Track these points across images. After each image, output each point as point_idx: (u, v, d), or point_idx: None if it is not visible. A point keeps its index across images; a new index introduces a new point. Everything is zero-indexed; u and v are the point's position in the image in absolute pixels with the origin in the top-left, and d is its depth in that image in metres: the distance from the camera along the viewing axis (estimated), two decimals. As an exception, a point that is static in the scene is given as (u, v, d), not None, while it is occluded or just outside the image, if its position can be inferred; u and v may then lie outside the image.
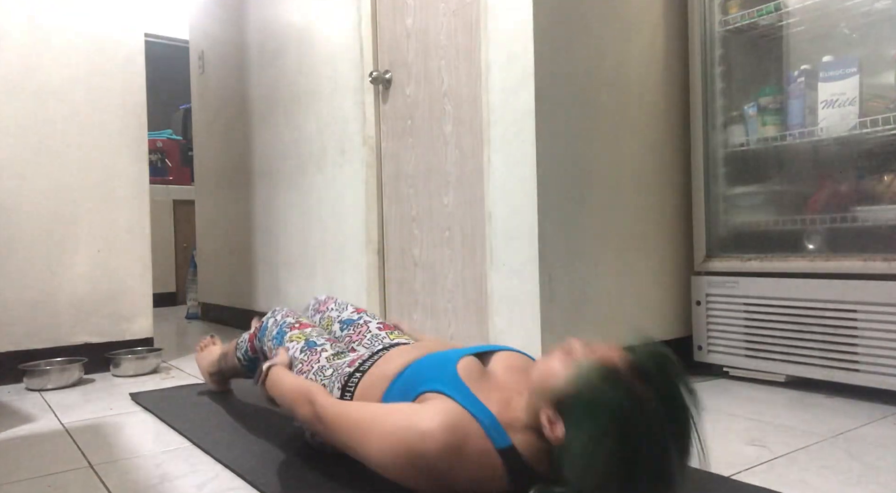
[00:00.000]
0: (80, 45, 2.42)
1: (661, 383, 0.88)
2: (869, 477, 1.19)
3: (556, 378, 0.94)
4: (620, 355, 0.91)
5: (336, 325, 1.56)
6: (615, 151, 2.00)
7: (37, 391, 2.10)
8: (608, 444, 0.85)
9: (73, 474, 1.31)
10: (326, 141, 2.77)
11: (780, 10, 1.98)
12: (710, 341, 2.08)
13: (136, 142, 2.53)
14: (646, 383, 0.87)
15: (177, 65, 4.98)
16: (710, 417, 1.62)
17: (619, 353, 0.92)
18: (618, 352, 0.92)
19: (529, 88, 1.82)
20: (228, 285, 3.69)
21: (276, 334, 1.54)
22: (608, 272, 1.97)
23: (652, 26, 2.10)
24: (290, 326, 1.53)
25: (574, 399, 0.90)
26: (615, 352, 0.92)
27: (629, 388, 0.87)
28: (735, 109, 2.10)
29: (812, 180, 1.97)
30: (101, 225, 2.45)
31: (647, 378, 0.88)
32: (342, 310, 1.59)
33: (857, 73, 1.79)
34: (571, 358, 0.95)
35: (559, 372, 0.95)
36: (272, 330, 1.57)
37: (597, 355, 0.93)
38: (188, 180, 4.76)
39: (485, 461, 0.97)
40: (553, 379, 0.95)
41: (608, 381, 0.88)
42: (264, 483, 1.19)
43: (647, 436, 0.85)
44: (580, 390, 0.90)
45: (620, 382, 0.87)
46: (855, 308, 1.74)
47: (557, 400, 0.92)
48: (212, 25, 3.81)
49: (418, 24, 2.28)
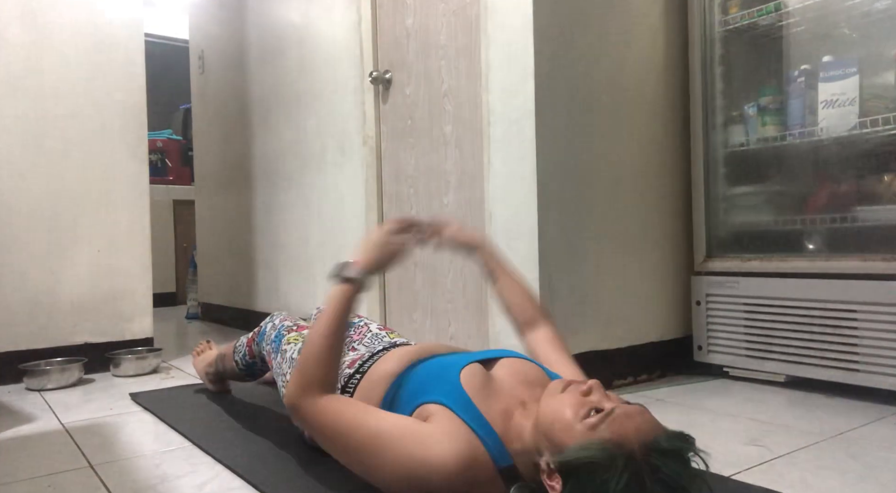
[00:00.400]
0: (81, 45, 2.42)
1: (673, 483, 0.80)
2: (869, 477, 1.19)
3: (564, 432, 0.88)
4: (639, 436, 0.83)
5: None
6: (615, 151, 2.00)
7: (37, 391, 2.10)
8: None
9: (73, 474, 1.31)
10: (326, 141, 2.77)
11: (780, 10, 1.98)
12: (710, 341, 2.08)
13: (136, 142, 2.53)
14: (656, 479, 0.80)
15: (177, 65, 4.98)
16: (710, 417, 1.62)
17: (638, 430, 0.83)
18: (637, 427, 0.84)
19: (529, 87, 1.82)
20: (228, 285, 3.69)
21: (275, 338, 1.54)
22: (608, 272, 1.97)
23: (652, 26, 2.10)
24: (289, 329, 1.53)
25: (577, 471, 0.83)
26: (634, 427, 0.84)
27: (637, 478, 0.79)
28: (735, 109, 2.10)
29: (812, 180, 1.97)
30: (101, 225, 2.45)
31: (661, 475, 0.80)
32: None
33: (856, 73, 1.79)
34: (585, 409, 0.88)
35: (569, 426, 0.88)
36: (270, 334, 1.57)
37: (614, 430, 0.84)
38: (188, 180, 4.76)
39: (488, 484, 0.96)
40: (561, 431, 0.88)
41: (616, 467, 0.80)
42: (264, 483, 1.19)
43: None
44: (586, 466, 0.82)
45: (628, 470, 0.80)
46: (855, 308, 1.74)
47: (560, 461, 0.86)
48: (212, 25, 3.81)
49: (418, 24, 2.28)
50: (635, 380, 2.00)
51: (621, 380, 1.97)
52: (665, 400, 1.79)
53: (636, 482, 0.79)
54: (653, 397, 1.83)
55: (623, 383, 1.97)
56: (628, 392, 1.88)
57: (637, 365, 2.02)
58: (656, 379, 2.05)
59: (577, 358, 1.90)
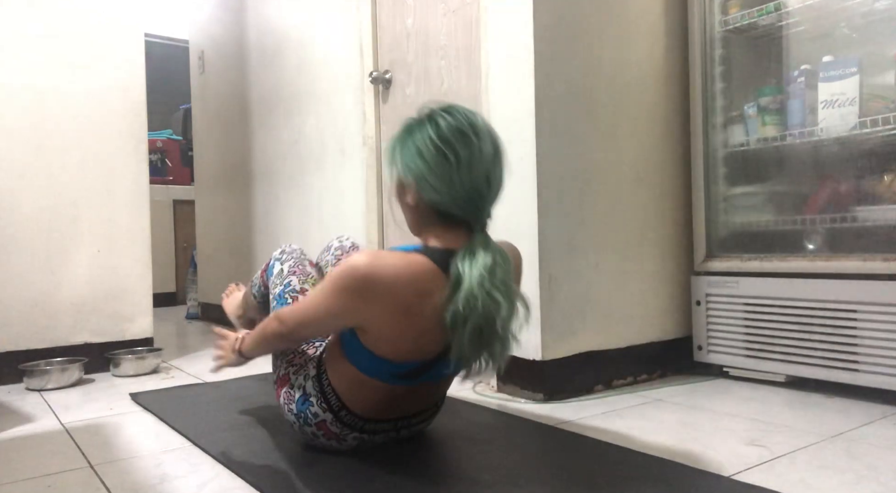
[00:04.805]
0: (80, 45, 2.42)
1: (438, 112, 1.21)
2: (869, 477, 1.19)
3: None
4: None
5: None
6: (615, 151, 2.00)
7: (37, 391, 2.10)
8: (421, 144, 1.18)
9: (73, 474, 1.31)
10: (326, 141, 2.77)
11: (780, 10, 1.98)
12: (710, 341, 2.08)
13: (136, 142, 2.53)
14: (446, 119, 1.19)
15: (177, 65, 4.99)
16: (710, 417, 1.62)
17: None
18: None
19: (529, 87, 1.82)
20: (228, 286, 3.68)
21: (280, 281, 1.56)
22: (608, 272, 1.97)
23: (652, 26, 2.10)
24: (292, 272, 1.55)
25: (392, 162, 1.24)
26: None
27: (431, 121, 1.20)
28: (735, 109, 2.10)
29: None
30: (101, 225, 2.45)
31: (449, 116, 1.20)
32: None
33: (857, 73, 1.79)
34: None
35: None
36: (273, 263, 1.61)
37: None
38: (188, 180, 4.76)
39: (409, 261, 1.16)
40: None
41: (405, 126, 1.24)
42: (264, 483, 1.19)
43: (435, 124, 1.18)
44: (388, 155, 1.25)
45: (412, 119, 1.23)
46: (855, 308, 1.74)
47: (396, 182, 1.25)
48: (212, 25, 3.81)
49: (418, 24, 2.28)
50: (635, 380, 2.00)
51: (621, 380, 1.97)
52: (665, 400, 1.79)
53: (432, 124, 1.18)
54: (652, 397, 1.83)
55: (623, 383, 1.97)
56: (628, 392, 1.89)
57: (637, 365, 2.02)
58: (656, 379, 2.05)
59: (578, 358, 1.90)
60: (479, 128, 1.19)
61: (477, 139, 1.18)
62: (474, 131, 1.18)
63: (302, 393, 1.31)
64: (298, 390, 1.32)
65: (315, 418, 1.29)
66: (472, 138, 1.17)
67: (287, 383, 1.35)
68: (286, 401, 1.35)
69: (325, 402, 1.28)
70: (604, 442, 1.40)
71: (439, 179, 1.17)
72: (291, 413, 1.33)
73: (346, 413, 1.28)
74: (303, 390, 1.31)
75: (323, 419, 1.29)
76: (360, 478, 1.20)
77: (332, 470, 1.24)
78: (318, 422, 1.30)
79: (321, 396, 1.28)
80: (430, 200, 1.19)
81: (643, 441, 1.43)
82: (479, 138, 1.18)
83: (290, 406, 1.33)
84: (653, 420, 1.59)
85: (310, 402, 1.30)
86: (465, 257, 1.16)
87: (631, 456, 1.31)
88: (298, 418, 1.32)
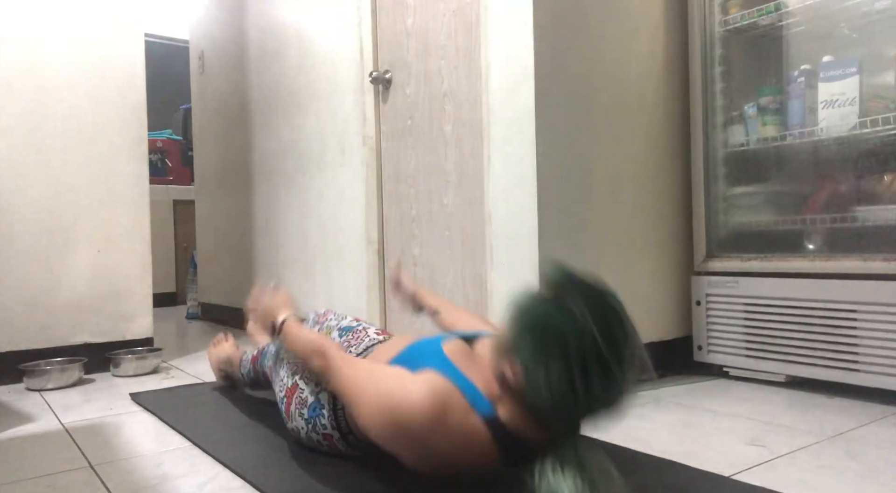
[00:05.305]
0: (80, 44, 2.42)
1: (579, 291, 0.96)
2: (869, 477, 1.19)
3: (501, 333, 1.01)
4: (538, 286, 1.01)
5: (335, 332, 1.56)
6: (615, 151, 2.00)
7: (37, 391, 2.10)
8: (556, 356, 0.91)
9: (73, 474, 1.31)
10: (326, 141, 2.77)
11: (780, 10, 1.98)
12: (710, 341, 2.08)
13: (136, 142, 2.53)
14: (567, 296, 0.95)
15: (177, 65, 4.98)
16: (710, 417, 1.62)
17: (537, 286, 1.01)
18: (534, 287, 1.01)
19: (529, 87, 1.82)
20: (228, 285, 3.69)
21: (274, 353, 1.55)
22: (608, 272, 1.97)
23: (652, 26, 2.10)
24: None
25: (516, 337, 0.96)
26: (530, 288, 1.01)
27: (555, 304, 0.95)
28: (735, 109, 2.10)
29: (812, 180, 1.97)
30: (101, 225, 2.45)
31: (566, 292, 0.96)
32: (341, 319, 1.60)
33: (857, 73, 1.79)
34: None
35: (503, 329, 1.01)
36: (271, 350, 1.59)
37: (517, 295, 1.00)
38: (188, 180, 4.76)
39: (469, 430, 1.00)
40: (500, 336, 1.02)
41: (534, 307, 0.96)
42: (264, 483, 1.19)
43: (583, 336, 0.91)
44: (516, 325, 0.97)
45: (545, 302, 0.96)
46: (855, 308, 1.74)
47: (506, 348, 0.98)
48: (212, 25, 3.81)
49: (418, 23, 2.28)
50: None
51: (621, 380, 1.97)
52: (665, 400, 1.79)
53: (556, 309, 0.94)
54: (652, 396, 1.83)
55: (623, 383, 1.97)
56: (628, 392, 1.89)
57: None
58: (656, 379, 2.05)
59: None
60: (629, 358, 0.94)
61: (620, 372, 0.92)
62: (619, 363, 0.92)
63: (315, 400, 1.30)
64: (312, 396, 1.31)
65: (323, 429, 1.28)
66: (616, 372, 0.92)
67: (298, 389, 1.34)
68: (298, 406, 1.33)
69: (334, 420, 1.27)
70: (604, 442, 1.40)
71: (552, 406, 0.94)
72: (302, 417, 1.32)
73: (354, 438, 1.26)
74: (316, 397, 1.30)
75: (330, 434, 1.28)
76: (360, 478, 1.20)
77: (332, 470, 1.24)
78: (325, 434, 1.28)
79: (332, 413, 1.27)
80: (530, 405, 0.98)
81: (643, 441, 1.43)
82: (623, 370, 0.93)
83: (302, 410, 1.31)
84: (653, 420, 1.59)
85: (321, 413, 1.28)
86: (551, 471, 0.90)
87: (631, 456, 1.31)
88: (308, 423, 1.31)
